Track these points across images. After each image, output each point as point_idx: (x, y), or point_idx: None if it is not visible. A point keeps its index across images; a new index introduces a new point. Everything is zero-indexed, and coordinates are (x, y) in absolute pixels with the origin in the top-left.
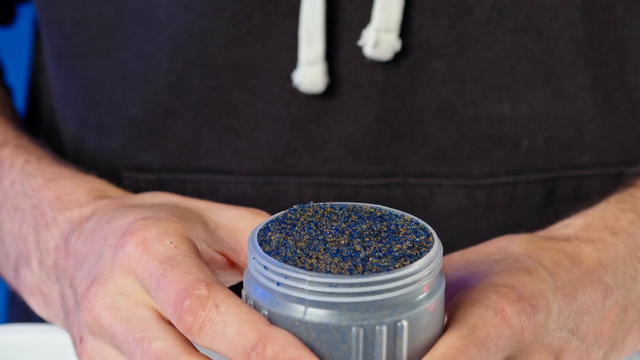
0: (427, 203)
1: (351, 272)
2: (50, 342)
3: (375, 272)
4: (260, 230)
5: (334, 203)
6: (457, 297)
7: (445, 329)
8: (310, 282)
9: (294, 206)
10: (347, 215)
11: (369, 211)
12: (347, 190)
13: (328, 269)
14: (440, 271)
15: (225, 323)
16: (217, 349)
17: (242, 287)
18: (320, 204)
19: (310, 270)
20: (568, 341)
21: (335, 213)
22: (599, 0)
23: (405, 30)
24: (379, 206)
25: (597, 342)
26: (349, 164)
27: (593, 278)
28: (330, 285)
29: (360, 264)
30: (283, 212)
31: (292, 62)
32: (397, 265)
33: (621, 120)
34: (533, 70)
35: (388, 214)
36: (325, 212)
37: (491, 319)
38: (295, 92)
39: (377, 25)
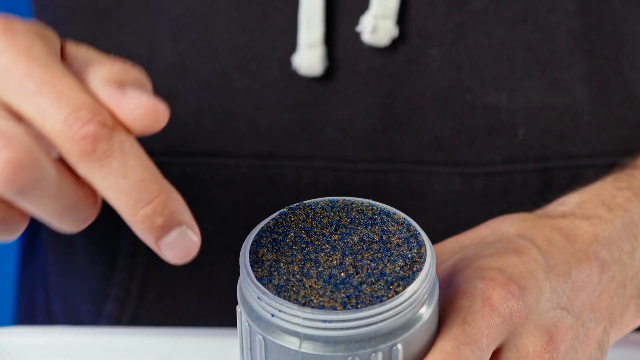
0: (424, 190)
1: (344, 306)
2: (53, 343)
3: (369, 303)
4: (252, 245)
5: (323, 202)
6: (447, 286)
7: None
8: (304, 319)
9: (284, 209)
10: (338, 218)
11: (360, 209)
12: (345, 175)
13: (321, 303)
14: (434, 277)
15: (127, 166)
16: (108, 187)
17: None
18: (311, 204)
19: (304, 304)
20: (562, 319)
21: (327, 215)
22: None
23: (403, 17)
24: (370, 202)
25: (596, 318)
26: (346, 148)
27: (588, 253)
28: (324, 321)
29: (353, 296)
30: (274, 216)
31: (291, 46)
32: (390, 295)
33: (616, 112)
34: (530, 61)
35: (379, 212)
36: (316, 215)
37: (479, 310)
38: (295, 76)
39: (375, 11)
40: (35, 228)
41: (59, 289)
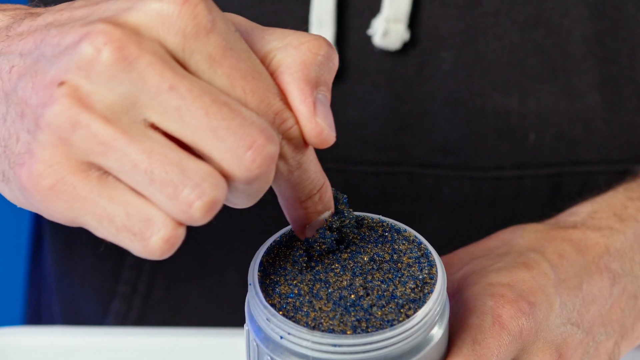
0: (433, 193)
1: (354, 330)
2: (55, 343)
3: (379, 327)
4: (260, 263)
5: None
6: (456, 302)
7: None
8: (314, 342)
9: None
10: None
11: (371, 226)
12: (353, 177)
13: (331, 327)
14: (445, 297)
15: (310, 158)
16: (297, 178)
17: None
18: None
19: (313, 328)
20: (572, 335)
21: None
22: None
23: (414, 20)
24: (381, 218)
25: (606, 331)
26: (355, 150)
27: (600, 266)
28: (334, 345)
29: (363, 320)
30: (284, 232)
31: None
32: (401, 318)
33: (629, 119)
34: (542, 65)
35: (389, 229)
36: None
37: (489, 329)
38: None
39: (386, 15)
40: (40, 231)
41: (59, 290)
